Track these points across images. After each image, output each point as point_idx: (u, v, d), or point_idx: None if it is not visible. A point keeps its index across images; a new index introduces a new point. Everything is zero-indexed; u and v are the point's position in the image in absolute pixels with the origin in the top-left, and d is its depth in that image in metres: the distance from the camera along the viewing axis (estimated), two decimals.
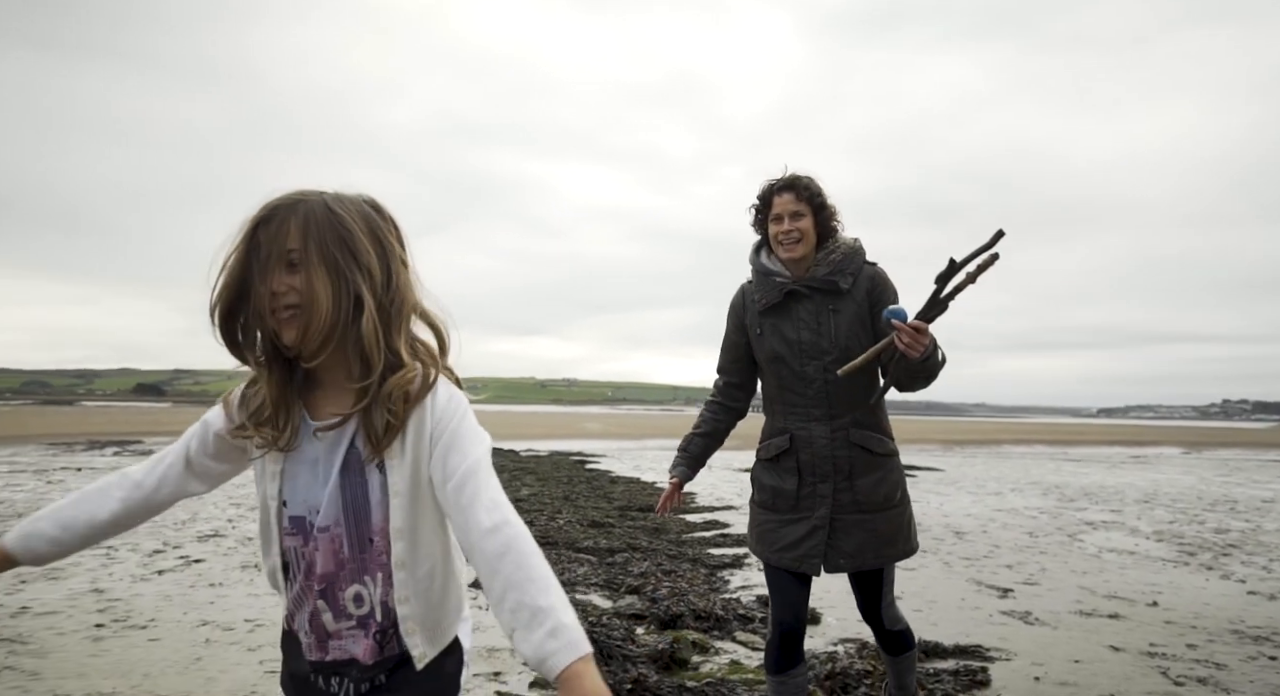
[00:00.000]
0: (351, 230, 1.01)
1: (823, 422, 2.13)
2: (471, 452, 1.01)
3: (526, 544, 0.94)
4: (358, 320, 1.00)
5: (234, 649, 3.45)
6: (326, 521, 1.04)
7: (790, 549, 2.13)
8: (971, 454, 22.69)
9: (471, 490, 0.98)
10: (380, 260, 1.03)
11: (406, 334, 1.05)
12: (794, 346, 2.13)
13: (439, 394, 1.05)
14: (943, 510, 8.97)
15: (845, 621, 4.08)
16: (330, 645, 1.07)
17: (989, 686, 3.12)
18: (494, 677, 3.14)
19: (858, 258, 2.16)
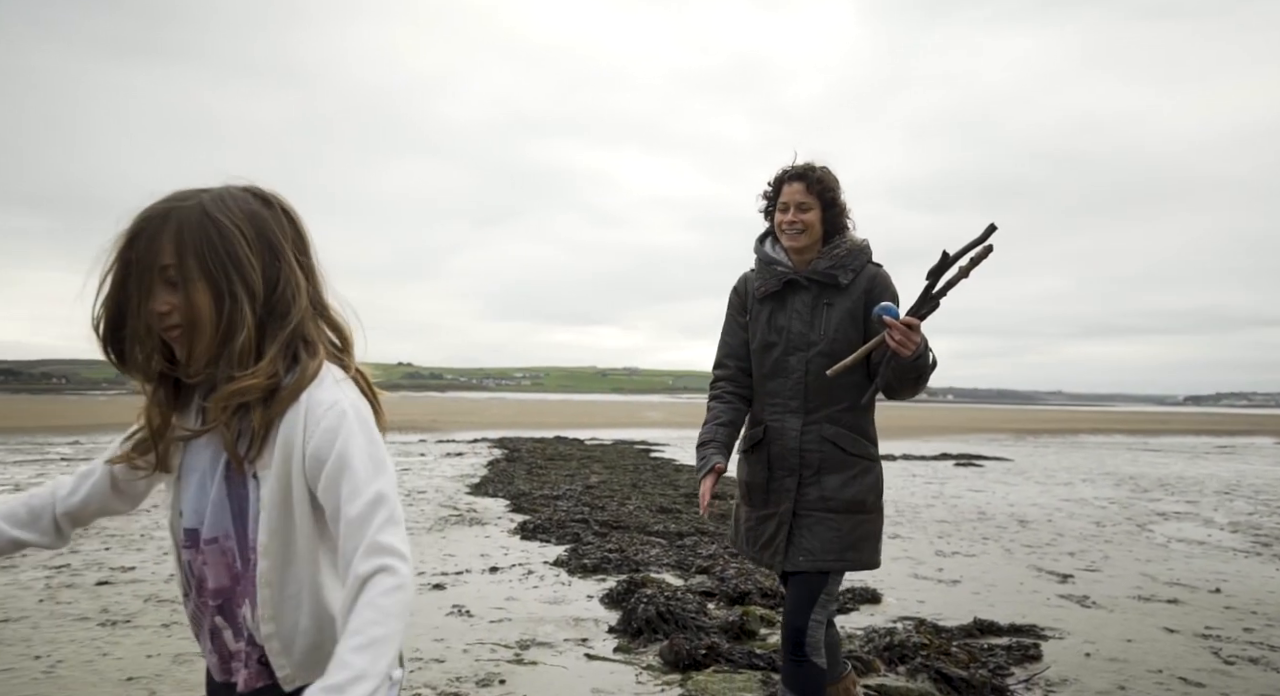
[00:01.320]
0: (230, 236, 0.94)
1: (796, 415, 2.08)
2: (361, 493, 0.91)
3: (381, 596, 0.86)
4: (244, 329, 0.95)
5: None
6: (214, 532, 0.99)
7: (766, 547, 2.11)
8: (1044, 443, 22.16)
9: (359, 528, 0.90)
10: (267, 263, 0.97)
11: (289, 337, 0.98)
12: (783, 334, 2.10)
13: (317, 401, 0.95)
14: (1008, 499, 8.99)
15: (905, 601, 4.32)
16: (233, 666, 1.02)
17: (1040, 660, 3.34)
18: (581, 643, 3.52)
19: (862, 256, 2.12)
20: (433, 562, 5.12)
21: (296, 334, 0.99)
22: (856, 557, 2.04)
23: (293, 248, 1.00)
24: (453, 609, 4.03)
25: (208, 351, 0.95)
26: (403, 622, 0.87)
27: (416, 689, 2.94)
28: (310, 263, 1.03)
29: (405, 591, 0.88)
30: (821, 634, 2.03)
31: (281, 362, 0.97)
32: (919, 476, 11.63)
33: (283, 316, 0.97)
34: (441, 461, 12.56)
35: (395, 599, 0.87)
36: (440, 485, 9.32)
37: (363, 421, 0.97)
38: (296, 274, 0.99)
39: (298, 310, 0.98)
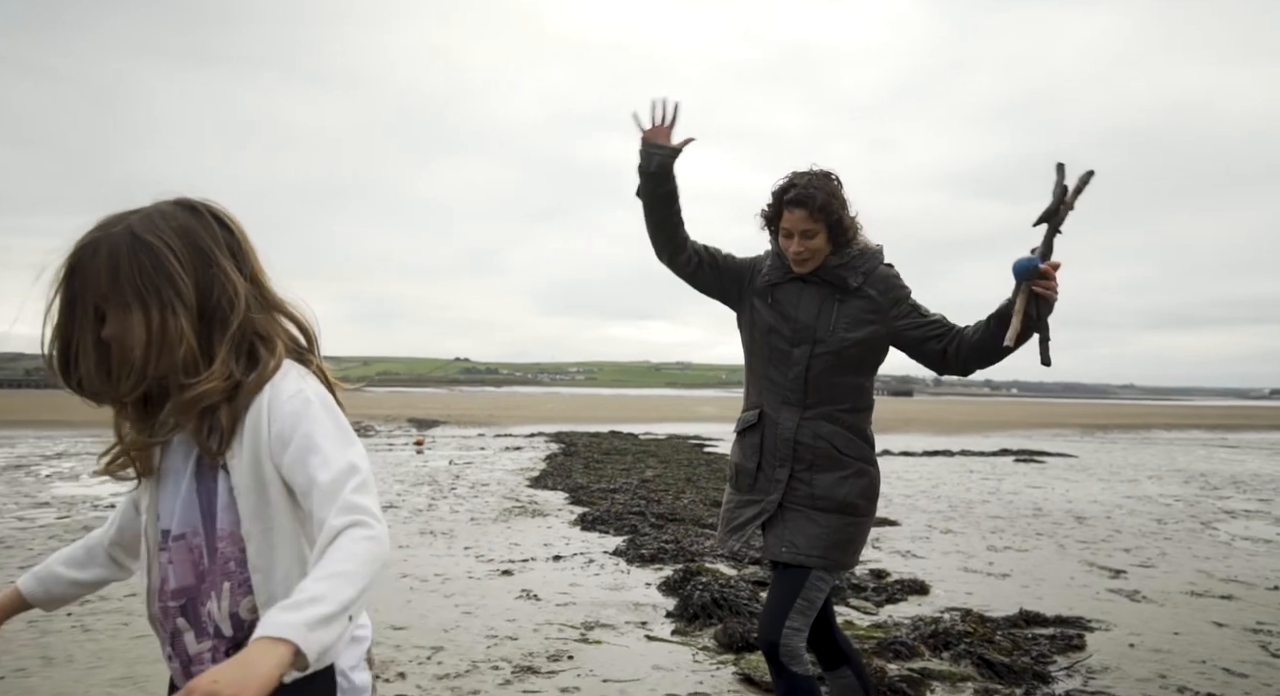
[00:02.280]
0: (159, 254, 0.96)
1: (794, 408, 2.03)
2: (330, 463, 0.95)
3: (352, 542, 0.89)
4: (182, 342, 0.97)
5: (433, 596, 4.28)
6: (182, 528, 1.01)
7: (737, 530, 2.10)
8: (1112, 439, 21.51)
9: (331, 494, 0.93)
10: (200, 272, 0.99)
11: (237, 337, 1.01)
12: (788, 323, 2.04)
13: (279, 391, 0.99)
14: (1067, 496, 8.90)
15: (953, 592, 4.45)
16: (193, 670, 1.01)
17: (1083, 649, 3.45)
18: (641, 626, 3.78)
19: (873, 259, 2.05)
20: (500, 550, 5.46)
21: (246, 333, 1.02)
22: (840, 558, 1.98)
23: (226, 252, 1.02)
24: (521, 592, 4.34)
25: (147, 368, 0.96)
26: (371, 570, 0.88)
27: (494, 662, 3.25)
28: (250, 262, 1.05)
29: (378, 543, 0.90)
30: (799, 642, 1.93)
31: (236, 363, 1.00)
32: (976, 472, 11.54)
33: (223, 320, 1.00)
34: (501, 455, 13.03)
35: (366, 546, 0.89)
36: (502, 478, 9.73)
37: (327, 406, 1.01)
38: (232, 276, 1.01)
39: (237, 312, 1.00)
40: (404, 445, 14.89)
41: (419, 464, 11.38)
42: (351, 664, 1.05)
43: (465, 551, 5.43)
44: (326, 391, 1.05)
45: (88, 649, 3.30)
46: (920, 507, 7.84)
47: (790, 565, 1.97)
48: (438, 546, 5.60)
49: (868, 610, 4.07)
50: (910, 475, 10.99)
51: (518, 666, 3.20)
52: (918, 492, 9.03)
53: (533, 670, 3.17)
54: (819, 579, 1.96)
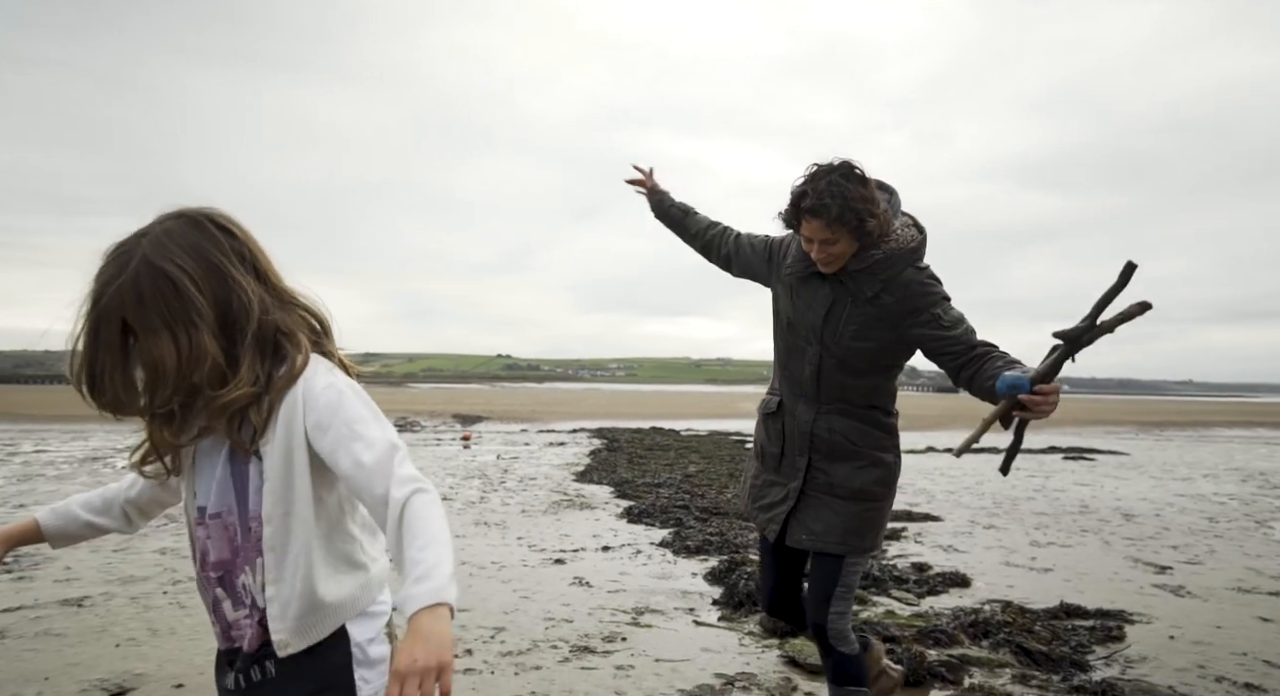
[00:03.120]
0: (177, 281, 1.00)
1: (810, 403, 2.09)
2: (373, 445, 1.01)
3: (425, 509, 0.96)
4: (207, 358, 1.02)
5: (492, 581, 4.53)
6: (218, 508, 1.08)
7: (766, 509, 2.16)
8: (1167, 437, 20.96)
9: (381, 469, 0.99)
10: (216, 287, 1.03)
11: (259, 339, 1.06)
12: (805, 319, 2.06)
13: (312, 385, 1.05)
14: (1116, 494, 8.81)
15: (994, 585, 4.54)
16: (233, 634, 1.10)
17: (1122, 640, 3.53)
18: (689, 612, 3.97)
19: (898, 263, 1.95)
20: (551, 541, 5.70)
21: (268, 333, 1.07)
22: (858, 543, 2.06)
23: (236, 259, 1.06)
24: (574, 580, 4.56)
25: (180, 385, 1.02)
26: (446, 526, 0.97)
27: (553, 642, 3.47)
28: (259, 262, 1.10)
29: (438, 503, 0.99)
30: (844, 625, 2.07)
31: (262, 364, 1.06)
32: (1022, 469, 11.44)
33: (242, 328, 1.04)
34: (546, 450, 13.33)
35: (435, 509, 0.97)
36: (548, 473, 10.00)
37: (358, 393, 1.08)
38: (245, 283, 1.05)
39: (253, 317, 1.05)
40: (451, 440, 15.31)
41: (467, 458, 11.74)
42: (369, 636, 1.13)
43: (518, 541, 5.68)
44: (349, 380, 1.11)
45: (186, 623, 3.62)
46: (964, 504, 7.86)
47: (822, 553, 2.08)
48: (492, 536, 5.87)
49: (909, 601, 4.19)
50: (953, 472, 10.95)
51: (575, 646, 3.42)
52: (961, 489, 9.03)
53: (589, 649, 3.38)
54: (853, 564, 2.07)
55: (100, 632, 3.48)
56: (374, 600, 1.15)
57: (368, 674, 1.11)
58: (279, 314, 1.09)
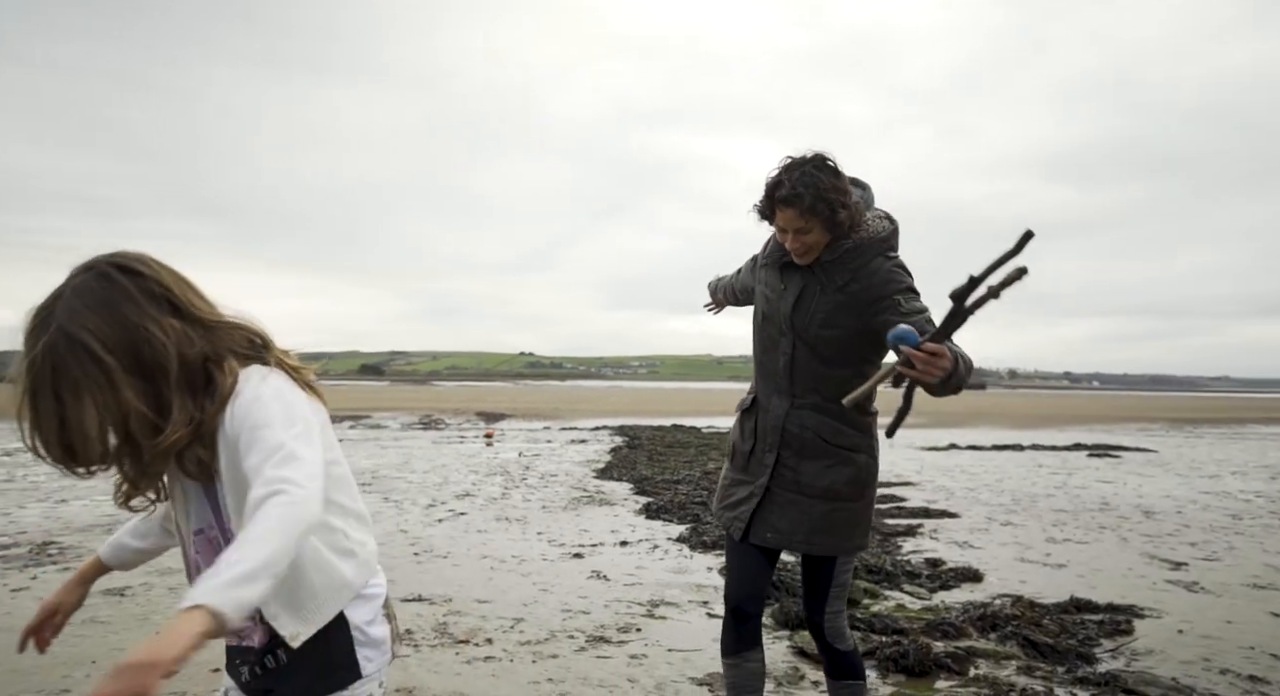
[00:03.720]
0: (88, 344, 1.02)
1: (783, 396, 2.06)
2: (263, 448, 1.03)
3: (270, 508, 0.96)
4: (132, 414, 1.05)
5: (512, 575, 4.67)
6: (200, 525, 1.16)
7: (731, 507, 2.13)
8: (1199, 434, 20.62)
9: (255, 474, 1.02)
10: (133, 340, 1.05)
11: (186, 376, 1.08)
12: (777, 309, 2.06)
13: (240, 400, 1.07)
14: (1139, 491, 8.75)
15: (1006, 580, 4.59)
16: (240, 634, 1.18)
17: (1130, 634, 3.57)
18: (703, 604, 4.07)
19: (868, 252, 1.96)
20: (570, 536, 5.84)
21: (193, 368, 1.09)
22: (826, 542, 2.01)
23: (149, 302, 1.07)
24: (592, 573, 4.69)
25: (107, 445, 1.06)
26: (285, 528, 0.94)
27: (570, 632, 3.60)
28: (174, 297, 1.10)
29: (294, 506, 0.96)
30: (840, 623, 2.08)
31: (195, 400, 1.08)
32: (1045, 467, 11.37)
33: (164, 371, 1.06)
34: (568, 448, 13.49)
35: (280, 510, 0.95)
36: (569, 469, 10.15)
37: (280, 398, 1.08)
38: (156, 328, 1.06)
39: (172, 358, 1.06)
40: (474, 438, 15.53)
41: (490, 456, 11.93)
42: (367, 618, 1.19)
43: (538, 536, 5.82)
44: (287, 383, 1.13)
45: None
46: (982, 501, 7.87)
47: (812, 555, 2.06)
48: (513, 531, 6.01)
49: (920, 596, 4.25)
50: (975, 469, 10.92)
51: (591, 636, 3.54)
52: (981, 486, 9.02)
53: (604, 639, 3.50)
54: (844, 564, 2.06)
55: (141, 620, 3.67)
56: (368, 583, 1.21)
57: (370, 653, 1.18)
58: (204, 343, 1.10)
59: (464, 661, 3.21)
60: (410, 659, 3.22)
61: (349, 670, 1.16)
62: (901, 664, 3.11)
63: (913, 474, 10.09)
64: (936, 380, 1.59)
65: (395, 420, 21.61)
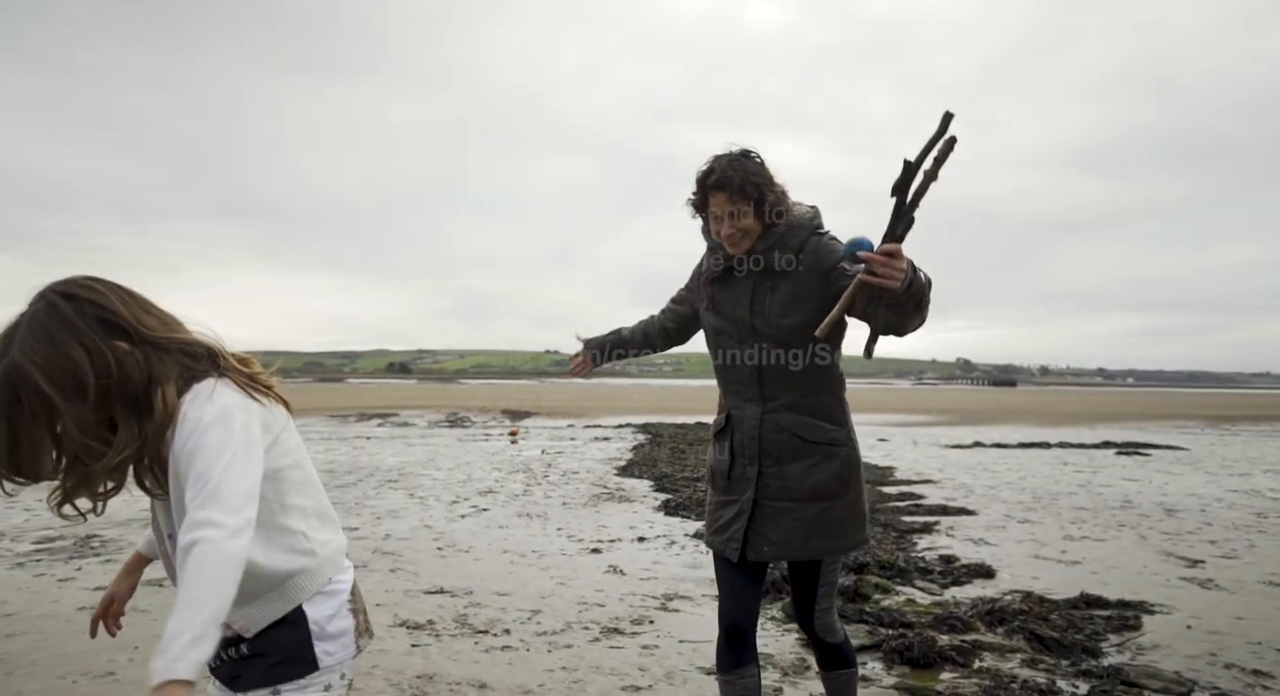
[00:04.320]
0: (35, 378, 1.07)
1: (755, 403, 2.04)
2: (195, 480, 1.06)
3: (197, 560, 1.00)
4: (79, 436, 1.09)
5: (531, 569, 4.81)
6: (170, 530, 1.21)
7: (719, 531, 2.09)
8: (1236, 431, 20.22)
9: (184, 516, 1.06)
10: (71, 370, 1.08)
11: (130, 397, 1.13)
12: (730, 322, 2.06)
13: (185, 423, 1.11)
14: (1164, 489, 8.66)
15: (1019, 577, 4.62)
16: None
17: (1137, 630, 3.60)
18: (716, 598, 4.16)
19: (800, 232, 2.00)
20: (589, 532, 5.96)
21: (136, 390, 1.13)
22: (823, 545, 1.99)
23: (94, 327, 1.11)
24: (609, 568, 4.81)
25: (62, 464, 1.12)
26: (216, 578, 1.00)
27: (585, 623, 3.72)
28: (121, 319, 1.14)
29: (218, 553, 1.01)
30: (831, 618, 2.10)
31: (139, 421, 1.13)
32: (1070, 464, 11.27)
33: (105, 393, 1.11)
34: (590, 445, 13.65)
35: (205, 561, 1.00)
36: (591, 467, 10.29)
37: (220, 418, 1.11)
38: (100, 351, 1.10)
39: (114, 379, 1.11)
40: (499, 436, 15.76)
41: (514, 453, 12.12)
42: (328, 613, 1.24)
43: (558, 532, 5.96)
44: (236, 395, 1.15)
45: None
46: (1001, 498, 7.86)
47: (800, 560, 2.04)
48: (534, 527, 6.16)
49: (932, 591, 4.31)
50: (998, 467, 10.87)
51: (605, 627, 3.66)
52: (1002, 484, 8.99)
53: (618, 631, 3.62)
54: (831, 562, 2.05)
55: None
56: (329, 580, 1.25)
57: (329, 647, 1.23)
58: (150, 364, 1.14)
59: (482, 650, 3.34)
60: (431, 647, 3.36)
61: (307, 662, 1.21)
62: (906, 656, 3.19)
63: (934, 472, 10.08)
64: (899, 284, 1.59)
65: (422, 418, 21.95)
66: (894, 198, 1.58)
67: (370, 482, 8.66)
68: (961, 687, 2.88)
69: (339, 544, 1.30)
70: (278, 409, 1.23)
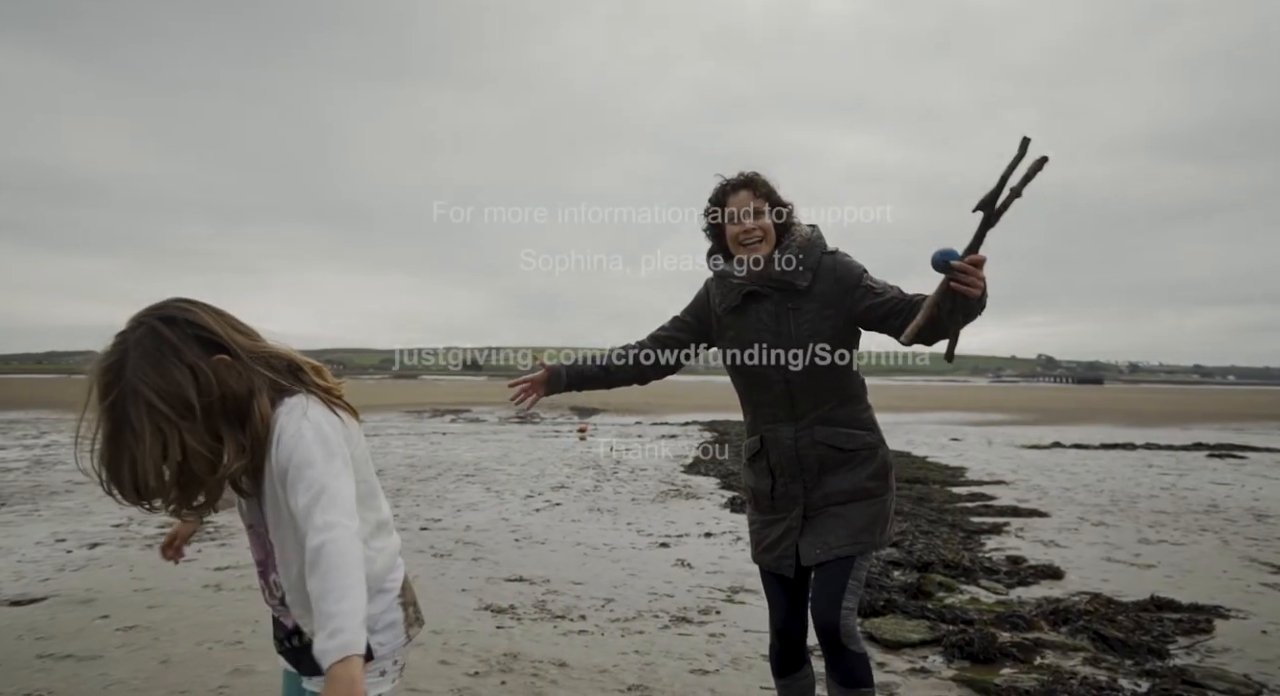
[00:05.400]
0: (148, 399, 1.14)
1: (787, 423, 2.11)
2: (309, 488, 1.16)
3: (338, 556, 1.10)
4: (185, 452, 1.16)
5: (603, 560, 5.07)
6: (251, 521, 1.34)
7: (770, 549, 2.14)
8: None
9: (306, 518, 1.15)
10: (180, 390, 1.16)
11: (235, 413, 1.21)
12: (756, 347, 2.11)
13: (284, 435, 1.20)
14: (1257, 494, 8.29)
15: (1088, 579, 4.60)
16: (278, 610, 1.38)
17: (1209, 633, 3.58)
18: None
19: (814, 250, 2.10)
20: (657, 527, 6.19)
21: (238, 404, 1.22)
22: (870, 540, 2.05)
23: (195, 347, 1.20)
24: (677, 561, 5.02)
25: (168, 481, 1.17)
26: (351, 568, 1.11)
27: (655, 612, 3.94)
28: (219, 337, 1.23)
29: (346, 545, 1.12)
30: (853, 622, 2.03)
31: (242, 433, 1.21)
32: (1155, 467, 10.86)
33: (208, 408, 1.19)
34: (658, 443, 13.89)
35: (339, 556, 1.11)
36: (658, 464, 10.53)
37: (318, 435, 1.21)
38: (198, 374, 1.19)
39: (215, 399, 1.19)
40: (569, 432, 16.17)
41: (583, 450, 12.47)
42: (381, 609, 1.33)
43: (628, 526, 6.21)
44: (322, 412, 1.25)
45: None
46: (1077, 501, 7.70)
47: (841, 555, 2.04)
48: (604, 521, 6.42)
49: (997, 591, 4.35)
50: (1076, 469, 10.57)
51: (674, 616, 3.87)
52: (1078, 486, 8.78)
53: (686, 619, 3.83)
54: (863, 559, 2.06)
55: None
56: (384, 580, 1.36)
57: (382, 638, 1.32)
58: (247, 378, 1.23)
59: (561, 633, 3.60)
60: (514, 629, 3.65)
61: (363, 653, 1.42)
62: (967, 651, 3.28)
63: (1007, 473, 9.90)
64: (980, 290, 1.69)
65: (493, 414, 22.63)
66: (980, 212, 1.67)
67: (449, 477, 9.12)
68: (1020, 682, 2.97)
69: (394, 547, 1.40)
70: (351, 422, 1.33)
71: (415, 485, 8.42)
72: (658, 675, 3.12)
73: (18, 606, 3.91)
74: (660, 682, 3.04)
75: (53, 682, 2.93)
